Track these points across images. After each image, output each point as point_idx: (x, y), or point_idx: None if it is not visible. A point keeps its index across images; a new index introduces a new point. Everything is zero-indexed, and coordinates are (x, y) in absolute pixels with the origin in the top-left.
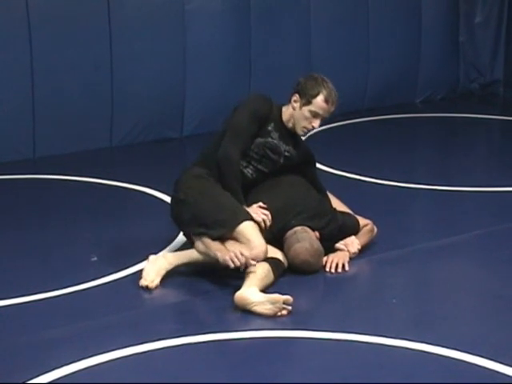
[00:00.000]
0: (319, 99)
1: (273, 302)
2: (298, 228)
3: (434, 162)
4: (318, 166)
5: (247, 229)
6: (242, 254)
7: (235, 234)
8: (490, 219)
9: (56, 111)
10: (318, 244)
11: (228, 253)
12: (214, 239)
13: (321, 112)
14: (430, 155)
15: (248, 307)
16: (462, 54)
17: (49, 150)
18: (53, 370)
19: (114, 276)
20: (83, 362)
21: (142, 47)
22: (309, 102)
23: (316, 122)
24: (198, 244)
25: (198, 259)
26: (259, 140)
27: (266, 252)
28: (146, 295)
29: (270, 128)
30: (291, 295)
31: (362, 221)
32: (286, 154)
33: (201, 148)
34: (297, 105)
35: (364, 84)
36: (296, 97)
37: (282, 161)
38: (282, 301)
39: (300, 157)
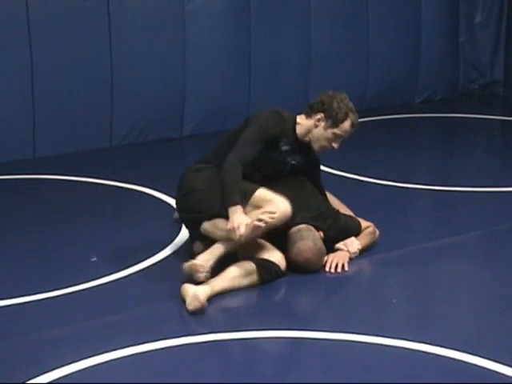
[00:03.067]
0: (347, 124)
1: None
2: (303, 226)
3: (434, 162)
4: None
5: (263, 193)
6: (239, 227)
7: (253, 202)
8: (490, 219)
9: (56, 111)
10: (321, 243)
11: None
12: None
13: (344, 135)
14: (429, 155)
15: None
16: (461, 54)
17: (49, 150)
18: (53, 369)
19: (114, 276)
20: (83, 362)
21: (142, 47)
22: (335, 125)
23: (337, 144)
24: (205, 224)
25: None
26: (267, 152)
27: (290, 205)
28: (146, 295)
29: (281, 143)
30: (291, 295)
31: (364, 223)
32: (293, 162)
33: (199, 153)
34: (320, 124)
35: (364, 84)
36: (321, 116)
37: (288, 169)
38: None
39: (308, 164)
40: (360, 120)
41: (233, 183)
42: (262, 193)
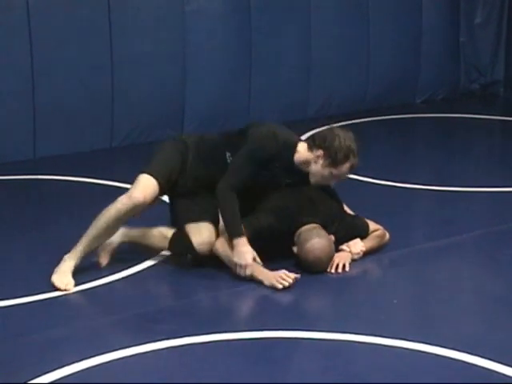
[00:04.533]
0: (345, 167)
1: None
2: (316, 225)
3: (435, 163)
4: None
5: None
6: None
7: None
8: (490, 219)
9: (56, 112)
10: (333, 246)
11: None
12: None
13: (341, 177)
14: (430, 155)
15: None
16: (462, 54)
17: (49, 151)
18: (54, 370)
19: (115, 276)
20: (84, 363)
21: (143, 48)
22: (334, 166)
23: (332, 182)
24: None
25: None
26: (263, 172)
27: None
28: (147, 295)
29: (275, 165)
30: (292, 295)
31: (373, 225)
32: (288, 181)
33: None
34: (319, 162)
35: (365, 84)
36: (320, 153)
37: (284, 185)
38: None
39: (305, 183)
40: (360, 120)
41: (233, 214)
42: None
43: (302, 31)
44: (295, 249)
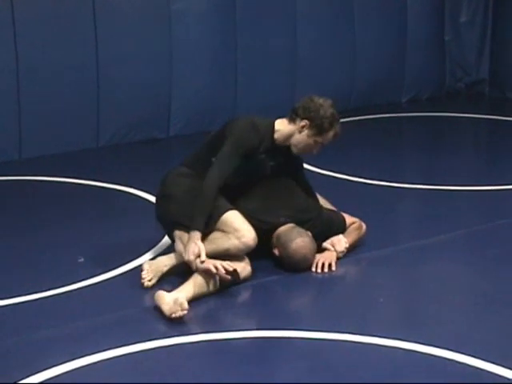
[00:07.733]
0: (330, 134)
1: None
2: (293, 225)
3: (421, 162)
4: (305, 165)
5: (232, 217)
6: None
7: (220, 225)
8: (476, 218)
9: (42, 112)
10: (314, 241)
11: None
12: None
13: (326, 143)
14: (416, 154)
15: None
16: (447, 53)
17: (35, 151)
18: (44, 370)
19: (103, 277)
20: (75, 362)
21: (128, 47)
22: (319, 134)
23: (317, 149)
24: (178, 243)
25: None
26: (245, 163)
27: (256, 239)
28: (138, 295)
29: (257, 153)
30: (280, 295)
31: (349, 219)
32: (272, 163)
33: (186, 154)
34: (304, 131)
35: (350, 84)
36: (305, 123)
37: (268, 172)
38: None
39: (288, 165)
40: (346, 120)
41: (204, 206)
42: (229, 217)
43: (288, 30)
44: (276, 251)
